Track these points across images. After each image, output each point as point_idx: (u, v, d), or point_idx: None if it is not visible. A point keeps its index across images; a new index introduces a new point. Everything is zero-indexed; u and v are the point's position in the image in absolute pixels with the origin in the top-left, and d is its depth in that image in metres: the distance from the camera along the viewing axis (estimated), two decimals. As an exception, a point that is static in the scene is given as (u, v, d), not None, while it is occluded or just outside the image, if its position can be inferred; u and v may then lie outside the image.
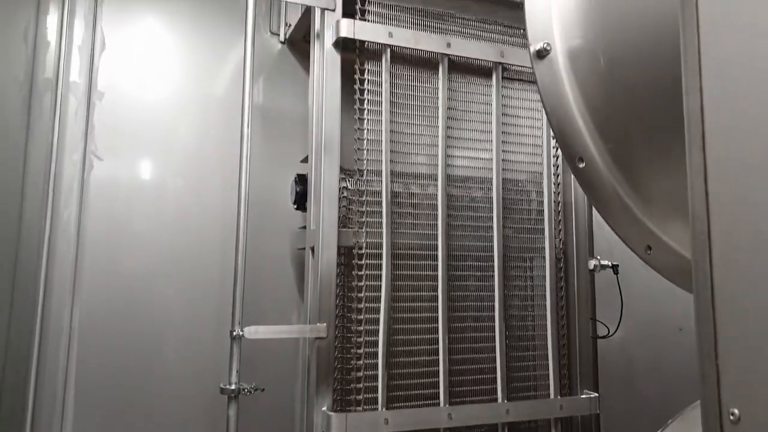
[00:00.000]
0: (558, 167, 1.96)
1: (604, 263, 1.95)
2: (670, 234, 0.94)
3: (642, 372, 2.51)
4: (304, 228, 1.95)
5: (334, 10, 1.76)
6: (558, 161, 1.96)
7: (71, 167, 1.96)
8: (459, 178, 1.86)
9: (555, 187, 1.95)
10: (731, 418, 0.45)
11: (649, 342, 2.50)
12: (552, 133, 1.82)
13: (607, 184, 0.93)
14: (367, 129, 1.74)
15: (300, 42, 2.19)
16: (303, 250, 1.94)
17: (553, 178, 1.95)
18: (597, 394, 1.91)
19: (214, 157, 2.11)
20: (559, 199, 1.96)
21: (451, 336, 1.77)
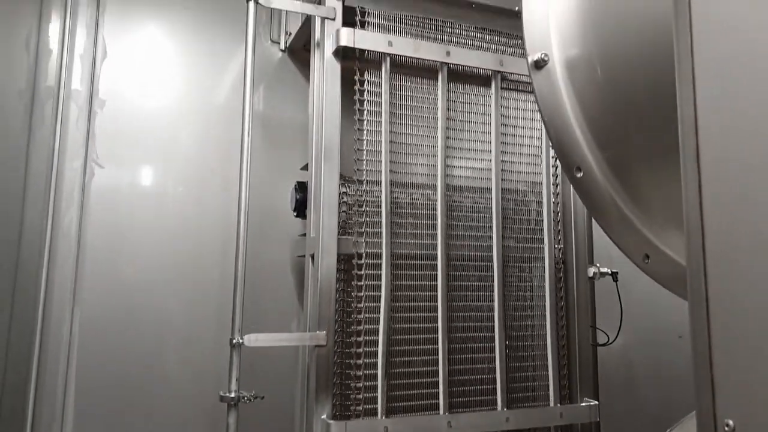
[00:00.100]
0: (557, 175, 1.97)
1: (603, 271, 1.95)
2: (667, 243, 0.94)
3: (642, 380, 2.50)
4: (304, 235, 1.96)
5: (334, 19, 1.77)
6: (557, 169, 1.97)
7: (72, 174, 1.96)
8: (458, 186, 1.87)
9: (554, 195, 1.95)
10: (726, 429, 0.45)
11: (649, 350, 2.49)
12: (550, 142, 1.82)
13: (605, 193, 0.93)
14: (367, 137, 1.75)
15: (300, 50, 2.20)
16: (303, 257, 1.94)
17: (552, 186, 1.95)
18: (597, 401, 1.91)
19: (214, 165, 2.12)
20: (559, 207, 1.97)
21: (451, 344, 1.77)
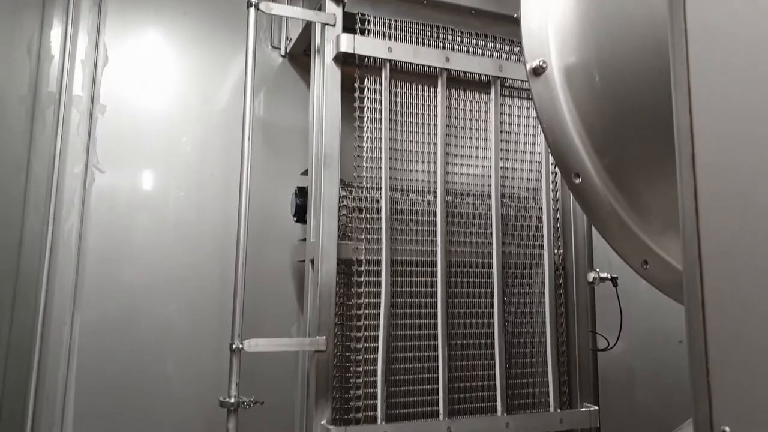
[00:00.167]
0: (557, 182, 1.97)
1: (603, 276, 1.95)
2: (666, 249, 0.94)
3: (642, 385, 2.50)
4: (304, 240, 1.96)
5: (334, 25, 1.78)
6: (557, 175, 1.97)
7: (73, 179, 1.97)
8: (458, 191, 1.87)
9: (554, 201, 1.96)
10: (723, 436, 0.45)
11: (650, 354, 2.49)
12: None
13: (604, 199, 0.93)
14: (367, 143, 1.75)
15: (301, 56, 2.21)
16: (303, 262, 1.95)
17: (552, 191, 1.95)
18: (597, 407, 1.90)
19: (214, 170, 2.12)
20: (558, 213, 1.97)
21: (451, 349, 1.77)
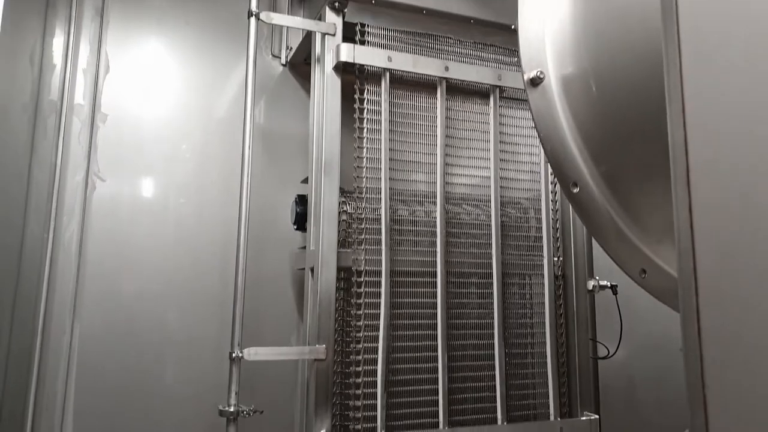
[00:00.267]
0: (556, 191, 1.98)
1: (603, 284, 1.95)
2: (664, 257, 0.94)
3: (643, 393, 2.49)
4: (304, 248, 1.96)
5: (334, 34, 1.79)
6: (556, 185, 1.97)
7: (74, 187, 1.97)
8: (458, 198, 1.87)
9: (553, 208, 1.96)
10: (719, 447, 0.45)
11: (650, 363, 2.48)
12: (548, 156, 1.83)
13: (602, 208, 0.94)
14: (367, 151, 1.76)
15: (301, 65, 2.22)
16: (303, 270, 1.95)
17: (551, 198, 1.96)
18: (597, 416, 1.90)
19: (215, 178, 2.13)
20: (558, 221, 1.97)
21: (451, 357, 1.76)
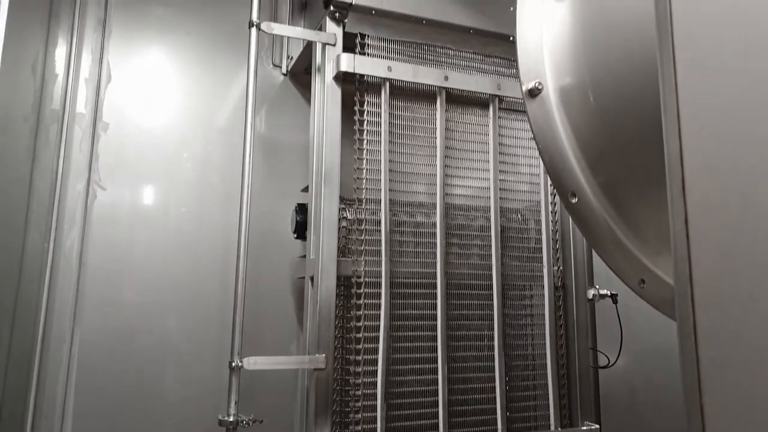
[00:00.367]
0: (555, 201, 1.98)
1: (603, 293, 1.95)
2: (663, 268, 0.95)
3: (644, 402, 2.48)
4: (304, 257, 1.96)
5: (334, 45, 1.80)
6: (555, 196, 1.98)
7: (75, 196, 1.98)
8: (457, 207, 1.88)
9: (553, 218, 1.96)
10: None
11: (651, 372, 2.47)
12: (548, 166, 1.83)
13: (600, 218, 0.94)
14: (367, 160, 1.76)
15: (301, 74, 2.23)
16: (303, 279, 1.95)
17: (551, 207, 1.96)
18: (598, 425, 1.89)
19: (215, 187, 2.13)
20: (557, 230, 1.97)
21: (451, 368, 1.76)
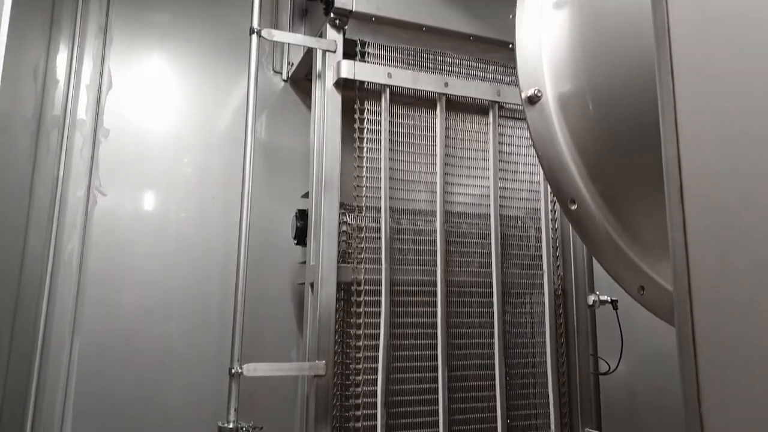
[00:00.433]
0: (555, 209, 1.98)
1: (603, 299, 1.95)
2: (662, 274, 0.95)
3: (644, 408, 2.47)
4: (304, 263, 1.96)
5: (335, 51, 1.81)
6: (555, 204, 1.98)
7: (75, 202, 1.98)
8: (457, 213, 1.88)
9: (552, 224, 1.96)
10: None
11: (652, 378, 2.46)
12: (547, 173, 1.83)
13: (600, 225, 0.94)
14: (367, 166, 1.77)
15: (302, 80, 2.24)
16: (303, 285, 1.95)
17: (551, 215, 1.96)
18: (599, 431, 1.88)
19: (216, 192, 2.14)
20: (558, 235, 1.97)
21: (451, 375, 1.75)
